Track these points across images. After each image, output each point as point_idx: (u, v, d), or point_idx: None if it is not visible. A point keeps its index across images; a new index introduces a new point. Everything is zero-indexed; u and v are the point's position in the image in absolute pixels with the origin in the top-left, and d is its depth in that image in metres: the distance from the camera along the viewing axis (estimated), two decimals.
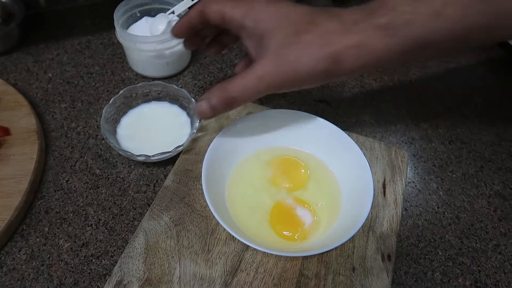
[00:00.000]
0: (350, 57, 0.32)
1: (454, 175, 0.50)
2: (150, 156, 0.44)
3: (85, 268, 0.40)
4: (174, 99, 0.52)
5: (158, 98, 0.52)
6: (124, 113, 0.50)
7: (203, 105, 0.36)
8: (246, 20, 0.35)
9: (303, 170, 0.45)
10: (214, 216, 0.36)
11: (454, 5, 0.30)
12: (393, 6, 0.31)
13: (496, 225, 0.45)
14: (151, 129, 0.50)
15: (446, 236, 0.44)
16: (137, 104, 0.51)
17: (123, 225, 0.43)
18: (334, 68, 0.33)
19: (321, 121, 0.44)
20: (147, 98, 0.52)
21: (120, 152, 0.45)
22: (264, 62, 0.33)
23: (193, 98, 0.49)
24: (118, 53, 0.62)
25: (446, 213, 0.46)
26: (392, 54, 0.32)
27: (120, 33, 0.54)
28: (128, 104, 0.50)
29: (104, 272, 0.40)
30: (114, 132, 0.48)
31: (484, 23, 0.31)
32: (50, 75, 0.58)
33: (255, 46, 0.36)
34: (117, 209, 0.45)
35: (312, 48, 0.32)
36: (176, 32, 0.41)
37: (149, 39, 0.52)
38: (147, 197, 0.46)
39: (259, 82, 0.33)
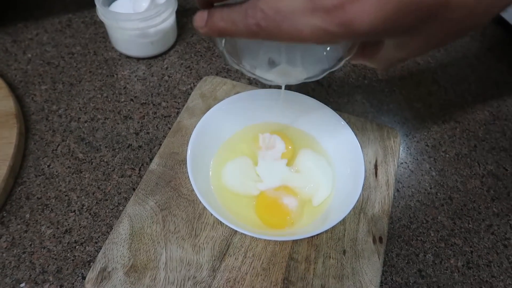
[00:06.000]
0: None
1: (447, 155, 0.49)
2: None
3: (68, 255, 0.39)
4: None
5: None
6: None
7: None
8: None
9: (290, 147, 0.43)
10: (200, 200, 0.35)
11: None
12: None
13: (489, 205, 0.45)
14: None
15: (439, 217, 0.44)
16: None
17: (107, 211, 0.42)
18: None
19: (311, 101, 0.43)
20: None
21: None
22: None
23: None
24: (100, 32, 0.59)
25: (438, 194, 0.45)
26: None
27: (101, 11, 0.51)
28: None
29: (88, 259, 0.39)
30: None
31: None
32: (30, 55, 0.56)
33: None
34: (101, 194, 0.43)
35: None
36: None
37: (132, 17, 0.50)
38: (132, 182, 0.44)
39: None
